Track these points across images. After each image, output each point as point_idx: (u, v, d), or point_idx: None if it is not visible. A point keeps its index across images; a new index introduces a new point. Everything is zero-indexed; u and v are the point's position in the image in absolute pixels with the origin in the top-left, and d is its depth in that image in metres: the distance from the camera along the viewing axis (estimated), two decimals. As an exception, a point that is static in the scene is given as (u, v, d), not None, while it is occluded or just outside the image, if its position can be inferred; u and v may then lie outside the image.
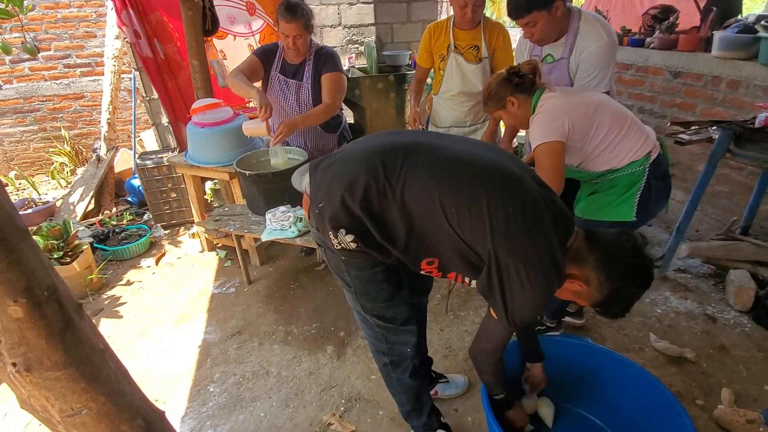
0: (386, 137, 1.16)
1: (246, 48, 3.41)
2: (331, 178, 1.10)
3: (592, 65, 1.65)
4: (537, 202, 1.01)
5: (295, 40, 2.06)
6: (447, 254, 1.08)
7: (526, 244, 0.98)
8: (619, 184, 1.55)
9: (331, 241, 1.12)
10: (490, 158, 1.06)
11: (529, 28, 1.64)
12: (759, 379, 1.81)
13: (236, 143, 2.39)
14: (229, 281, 2.63)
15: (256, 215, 2.26)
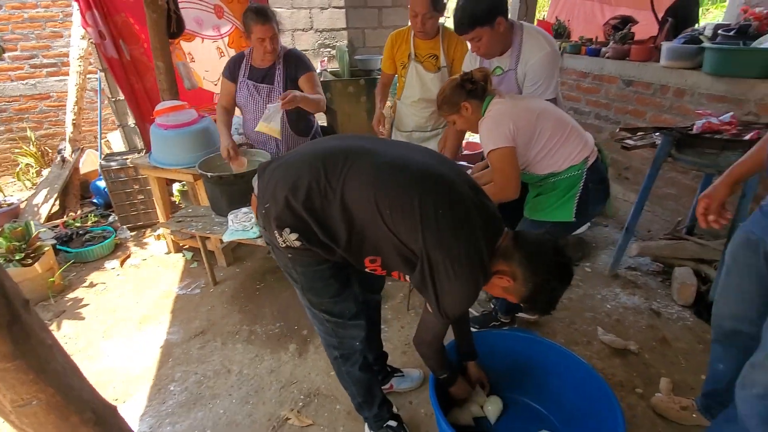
0: (330, 142, 1.23)
1: (215, 51, 3.43)
2: (276, 179, 1.16)
3: (537, 74, 1.73)
4: (466, 204, 1.09)
5: (272, 41, 2.12)
6: (387, 253, 1.14)
7: (453, 242, 1.06)
8: (559, 186, 1.64)
9: (277, 240, 1.17)
10: (424, 163, 1.13)
11: (474, 42, 1.72)
12: (697, 369, 1.93)
13: (200, 145, 2.41)
14: (195, 282, 2.64)
15: (219, 216, 2.28)
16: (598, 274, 2.62)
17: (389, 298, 2.42)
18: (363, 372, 1.47)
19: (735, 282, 1.26)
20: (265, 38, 2.09)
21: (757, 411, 1.11)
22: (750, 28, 2.45)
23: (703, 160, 2.06)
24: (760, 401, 1.10)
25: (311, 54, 4.48)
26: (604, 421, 1.37)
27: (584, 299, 2.41)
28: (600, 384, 1.44)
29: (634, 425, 1.68)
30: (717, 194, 1.25)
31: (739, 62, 2.27)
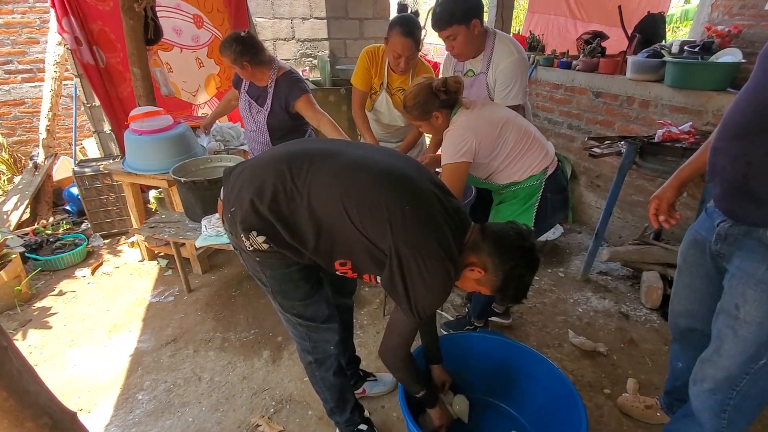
0: (295, 145, 1.24)
1: (194, 61, 3.43)
2: (241, 183, 1.16)
3: (507, 79, 1.80)
4: (431, 200, 1.11)
5: (232, 68, 2.20)
6: (357, 254, 1.14)
7: (422, 237, 1.06)
8: (519, 195, 1.69)
9: (244, 243, 1.16)
10: (388, 162, 1.15)
11: (450, 41, 1.77)
12: (662, 369, 1.98)
13: (176, 151, 2.40)
14: (168, 290, 2.60)
15: (193, 222, 2.27)
16: (570, 279, 2.67)
17: (366, 304, 2.43)
18: (337, 377, 1.46)
19: (686, 281, 1.31)
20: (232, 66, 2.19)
21: (709, 405, 1.15)
22: (713, 45, 2.59)
23: (664, 167, 2.15)
24: (710, 396, 1.14)
25: (293, 64, 4.52)
26: (570, 420, 1.39)
27: (557, 303, 2.45)
28: (566, 384, 1.47)
29: (602, 424, 1.71)
30: (665, 195, 1.30)
31: (697, 75, 2.38)
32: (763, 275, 0.99)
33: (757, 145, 0.95)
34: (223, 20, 3.42)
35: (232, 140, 2.94)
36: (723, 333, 1.10)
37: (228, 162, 2.39)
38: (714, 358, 1.12)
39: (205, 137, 2.90)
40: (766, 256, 0.99)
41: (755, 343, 1.03)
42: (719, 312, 1.12)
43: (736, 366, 1.07)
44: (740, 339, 1.05)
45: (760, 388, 1.09)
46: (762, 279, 0.99)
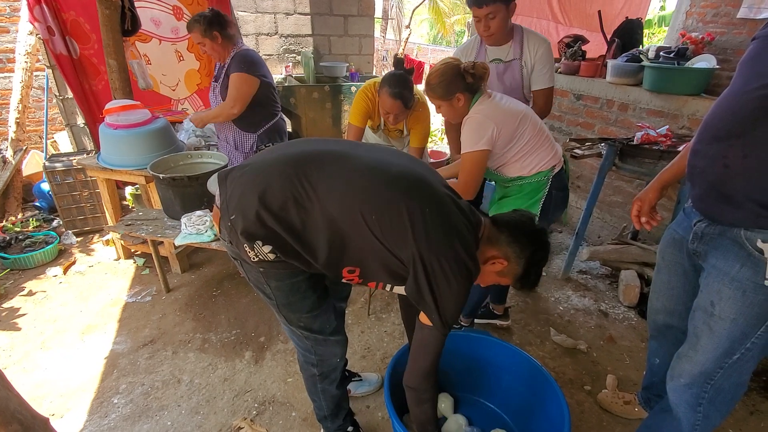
0: (299, 146, 1.14)
1: (173, 54, 3.33)
2: (242, 188, 1.06)
3: (546, 61, 1.92)
4: (446, 202, 1.07)
5: (200, 46, 2.23)
6: (369, 262, 1.07)
7: (444, 241, 1.02)
8: (525, 190, 1.71)
9: (248, 254, 1.07)
10: (402, 165, 1.09)
11: (487, 20, 1.79)
12: (639, 366, 2.04)
13: (154, 146, 2.33)
14: (146, 290, 2.52)
15: (172, 220, 2.20)
16: (552, 278, 2.72)
17: (350, 303, 2.41)
18: (339, 389, 1.43)
19: (664, 279, 1.35)
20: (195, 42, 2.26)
21: (685, 399, 1.19)
22: (687, 51, 2.67)
23: (642, 168, 2.20)
24: (686, 390, 1.17)
25: (275, 59, 4.46)
26: (552, 417, 1.41)
27: (538, 302, 2.49)
28: (549, 381, 1.49)
29: (582, 421, 1.74)
30: (647, 197, 1.33)
31: (674, 80, 2.45)
32: (737, 273, 1.02)
33: (735, 148, 0.98)
34: (204, 13, 3.33)
35: (212, 136, 2.87)
36: (699, 329, 1.13)
37: (209, 159, 2.33)
38: (690, 354, 1.16)
39: (184, 132, 2.82)
40: (740, 255, 1.02)
41: (729, 339, 1.06)
42: (695, 309, 1.15)
43: (710, 361, 1.10)
44: (715, 335, 1.08)
45: (734, 382, 1.12)
46: (736, 277, 1.02)
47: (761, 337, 1.04)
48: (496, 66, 1.96)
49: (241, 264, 1.18)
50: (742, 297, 1.01)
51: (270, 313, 2.31)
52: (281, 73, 4.53)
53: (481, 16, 1.80)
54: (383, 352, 2.08)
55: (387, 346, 2.12)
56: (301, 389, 1.84)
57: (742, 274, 1.01)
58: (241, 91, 2.21)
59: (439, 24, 12.84)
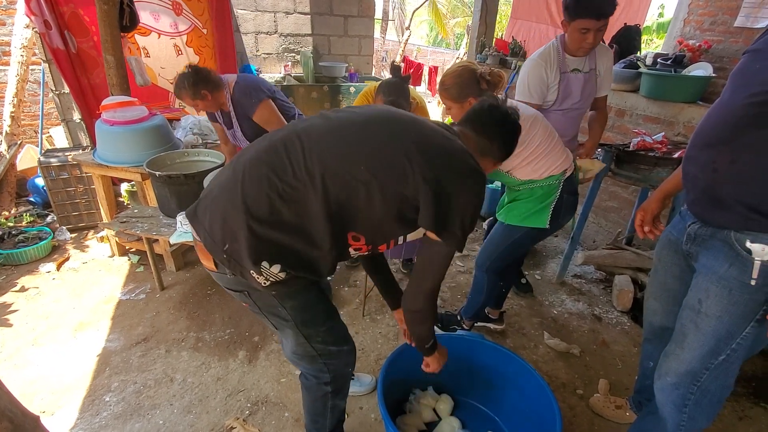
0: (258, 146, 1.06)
1: (172, 48, 3.33)
2: (221, 213, 1.00)
3: (611, 69, 2.11)
4: (427, 123, 1.08)
5: (195, 108, 2.09)
6: (373, 222, 1.02)
7: (444, 155, 1.01)
8: (536, 194, 1.71)
9: (257, 280, 1.01)
10: (370, 111, 1.09)
11: (594, 33, 1.81)
12: (632, 370, 2.05)
13: (150, 143, 2.32)
14: (140, 287, 2.51)
15: (167, 218, 2.19)
16: (546, 282, 2.73)
17: (345, 304, 2.41)
18: (345, 400, 1.42)
19: (660, 280, 1.37)
20: (194, 107, 2.09)
21: (671, 399, 1.20)
22: (684, 58, 2.69)
23: (638, 174, 2.22)
24: (673, 389, 1.19)
25: (275, 58, 4.45)
26: (544, 421, 1.42)
27: (533, 305, 2.50)
28: (541, 386, 1.50)
29: (574, 424, 1.75)
30: (650, 208, 1.36)
31: (670, 87, 2.48)
32: (725, 272, 1.05)
33: (724, 154, 1.02)
34: (203, 10, 3.33)
35: (210, 134, 2.87)
36: (686, 327, 1.15)
37: (206, 157, 2.32)
38: (677, 352, 1.17)
39: (181, 130, 2.82)
40: (729, 255, 1.05)
41: (714, 337, 1.09)
42: (684, 307, 1.18)
43: (696, 359, 1.13)
44: (701, 332, 1.11)
45: (720, 384, 1.14)
46: (724, 276, 1.05)
47: (746, 338, 1.06)
48: (575, 76, 1.99)
49: (248, 295, 1.11)
50: (729, 295, 1.04)
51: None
52: (280, 72, 4.53)
53: (594, 29, 1.79)
54: (377, 353, 2.08)
55: (381, 347, 2.12)
56: (295, 390, 1.84)
57: (730, 273, 1.04)
58: (273, 116, 2.14)
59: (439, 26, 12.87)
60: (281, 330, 1.21)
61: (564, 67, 1.97)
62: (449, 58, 9.98)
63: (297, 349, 1.22)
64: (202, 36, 3.36)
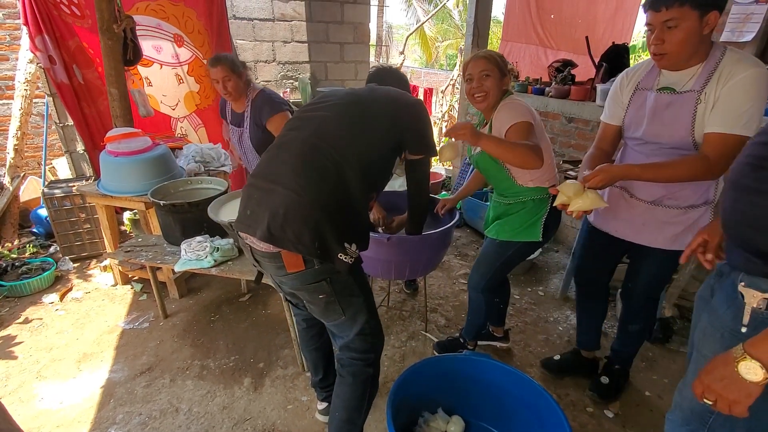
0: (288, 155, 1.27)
1: (174, 78, 3.40)
2: (301, 220, 1.18)
3: (740, 96, 1.23)
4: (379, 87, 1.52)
5: (224, 84, 2.18)
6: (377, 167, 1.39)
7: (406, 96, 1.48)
8: (528, 206, 1.74)
9: (344, 262, 1.22)
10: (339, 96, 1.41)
11: (663, 31, 1.24)
12: (641, 385, 2.03)
13: (154, 172, 2.35)
14: (143, 316, 2.50)
15: (171, 246, 2.21)
16: (550, 298, 2.73)
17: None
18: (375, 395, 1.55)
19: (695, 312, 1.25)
20: (218, 80, 2.18)
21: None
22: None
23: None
24: (683, 426, 1.13)
25: (274, 85, 4.55)
26: (556, 440, 1.41)
27: (537, 322, 2.49)
28: (551, 404, 1.49)
29: (585, 444, 1.73)
30: (718, 231, 1.12)
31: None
32: (723, 313, 1.00)
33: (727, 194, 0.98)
34: (203, 41, 3.42)
35: (212, 161, 2.91)
36: (690, 363, 1.11)
37: (209, 184, 2.35)
38: (681, 387, 1.14)
39: (183, 158, 2.86)
40: (730, 297, 0.99)
41: None
42: (691, 343, 1.15)
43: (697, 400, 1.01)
44: (697, 371, 1.01)
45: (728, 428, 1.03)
46: (720, 317, 1.00)
47: None
48: (657, 96, 1.38)
49: (329, 282, 1.27)
50: (720, 339, 0.98)
51: (268, 338, 2.30)
52: (279, 98, 4.61)
53: (656, 24, 1.25)
54: (384, 376, 2.06)
55: (387, 369, 2.11)
56: (302, 416, 1.82)
57: (726, 315, 0.98)
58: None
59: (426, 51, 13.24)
60: (348, 313, 1.36)
61: (647, 81, 1.43)
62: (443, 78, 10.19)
63: (361, 329, 1.38)
64: (202, 65, 3.44)
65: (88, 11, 2.89)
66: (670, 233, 1.53)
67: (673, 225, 1.52)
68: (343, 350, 1.45)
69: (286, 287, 1.37)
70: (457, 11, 13.22)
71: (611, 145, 1.62)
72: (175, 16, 3.23)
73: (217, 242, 2.02)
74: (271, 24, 4.28)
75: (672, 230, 1.52)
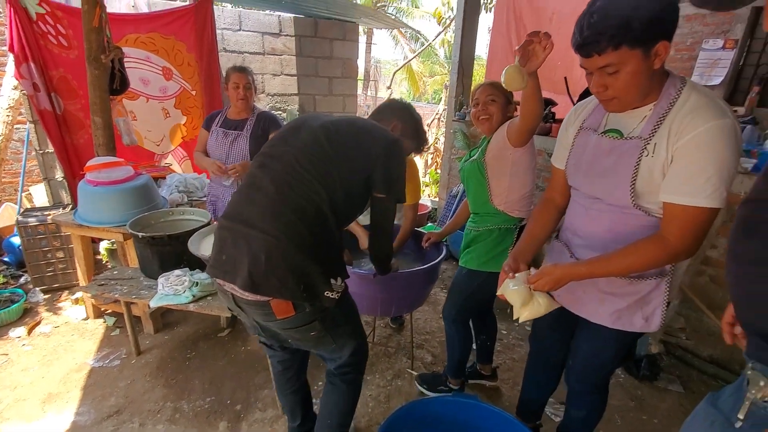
0: (266, 200, 1.21)
1: (160, 111, 3.40)
2: (285, 265, 1.15)
3: (702, 157, 0.98)
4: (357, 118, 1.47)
5: (244, 90, 2.31)
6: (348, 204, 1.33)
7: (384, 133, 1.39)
8: (493, 235, 1.76)
9: (330, 298, 1.22)
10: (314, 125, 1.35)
11: (602, 76, 1.02)
12: (631, 426, 1.99)
13: (135, 203, 2.30)
14: (115, 352, 2.38)
15: (148, 279, 2.13)
16: (536, 334, 2.69)
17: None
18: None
19: None
20: (239, 84, 2.29)
21: None
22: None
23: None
24: None
25: (261, 116, 4.59)
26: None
27: (525, 358, 2.44)
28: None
29: (576, 492, 1.66)
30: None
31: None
32: (725, 398, 0.85)
33: (727, 261, 0.82)
34: (193, 73, 3.45)
35: (196, 191, 2.87)
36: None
37: (191, 215, 2.30)
38: None
39: (166, 188, 2.81)
40: (737, 383, 0.84)
41: None
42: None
43: None
44: None
45: None
46: (721, 401, 0.85)
47: None
48: (599, 140, 1.16)
49: (321, 320, 1.27)
50: (710, 427, 0.83)
51: (247, 377, 2.20)
52: (266, 129, 4.64)
53: (592, 69, 1.03)
54: (368, 418, 1.98)
55: (372, 411, 2.02)
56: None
57: (725, 402, 0.82)
58: None
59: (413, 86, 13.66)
60: (339, 342, 1.37)
61: (593, 120, 1.21)
62: (429, 112, 10.47)
63: (353, 351, 1.41)
64: (190, 97, 3.45)
65: (76, 42, 2.90)
66: (612, 308, 1.23)
67: (617, 298, 1.22)
68: (335, 368, 1.47)
69: (273, 330, 1.32)
70: (442, 50, 13.74)
71: (562, 194, 1.37)
72: (164, 49, 3.26)
73: (196, 276, 1.95)
74: (261, 57, 4.36)
75: (615, 304, 1.22)
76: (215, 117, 2.44)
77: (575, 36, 1.01)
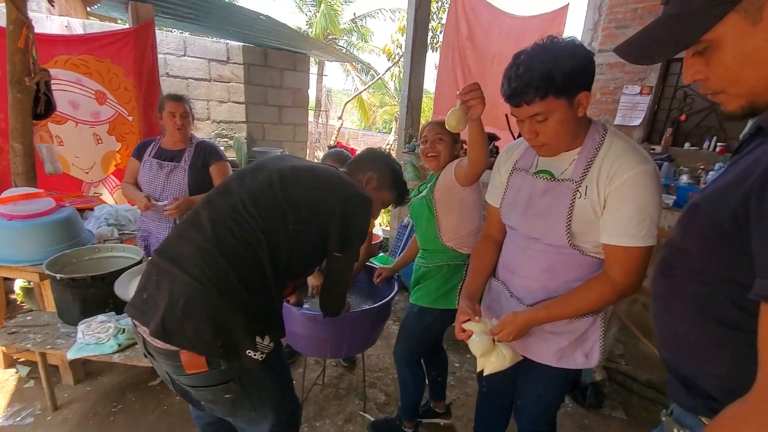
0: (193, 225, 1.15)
1: (91, 137, 3.16)
2: (204, 313, 1.04)
3: (634, 199, 1.04)
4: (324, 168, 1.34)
5: (182, 119, 2.19)
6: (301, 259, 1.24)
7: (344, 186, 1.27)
8: (442, 271, 1.76)
9: (253, 360, 1.09)
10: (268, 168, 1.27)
11: (532, 123, 1.09)
12: (580, 458, 2.01)
13: (55, 239, 2.07)
14: (27, 408, 2.07)
15: (67, 326, 1.90)
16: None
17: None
18: None
19: None
20: (175, 113, 2.17)
21: None
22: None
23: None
24: None
25: (206, 143, 4.42)
26: None
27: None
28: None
29: None
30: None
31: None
32: None
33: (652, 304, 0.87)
34: (130, 98, 3.26)
35: (128, 224, 2.65)
36: None
37: (120, 252, 2.10)
38: None
39: (94, 220, 2.58)
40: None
41: None
42: None
43: None
44: None
45: None
46: None
47: None
48: (533, 181, 1.20)
49: (238, 381, 1.12)
50: None
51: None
52: (212, 157, 4.46)
53: (522, 117, 1.11)
54: (316, 470, 1.84)
55: (321, 461, 1.89)
56: None
57: None
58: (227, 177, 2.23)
59: (364, 117, 14.02)
60: (260, 408, 1.20)
61: (524, 161, 1.27)
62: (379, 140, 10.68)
63: (276, 421, 1.23)
64: (126, 123, 3.24)
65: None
66: (555, 347, 1.24)
67: (558, 336, 1.23)
68: None
69: (184, 386, 1.16)
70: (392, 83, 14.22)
71: (499, 230, 1.39)
72: (99, 72, 3.06)
73: (123, 321, 1.76)
74: (208, 84, 4.24)
75: (557, 343, 1.23)
76: (147, 145, 2.29)
77: (504, 87, 1.08)
